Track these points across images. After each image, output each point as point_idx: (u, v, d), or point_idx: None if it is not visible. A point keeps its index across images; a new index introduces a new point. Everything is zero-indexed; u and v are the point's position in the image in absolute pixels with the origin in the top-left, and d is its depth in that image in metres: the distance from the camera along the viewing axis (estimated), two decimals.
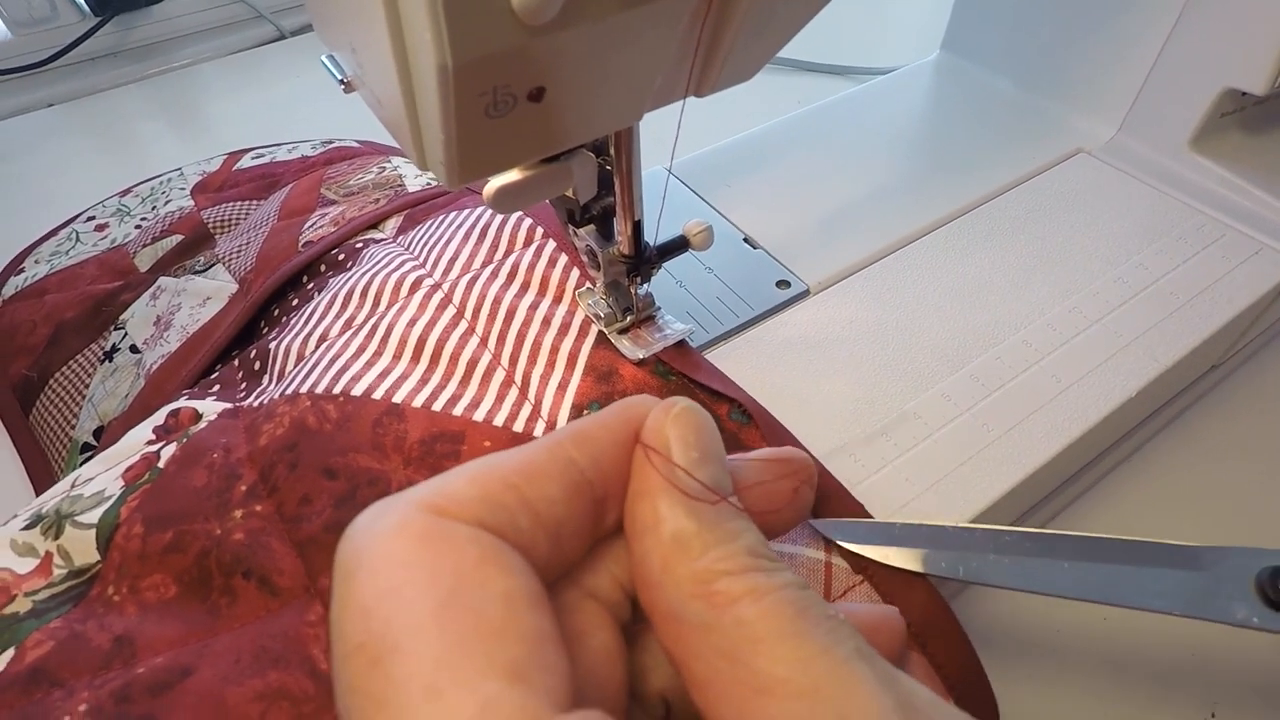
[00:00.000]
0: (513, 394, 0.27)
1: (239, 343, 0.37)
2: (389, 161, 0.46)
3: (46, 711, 0.20)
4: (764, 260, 0.33)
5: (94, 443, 0.36)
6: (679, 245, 0.27)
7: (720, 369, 0.28)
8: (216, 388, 0.33)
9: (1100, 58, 0.38)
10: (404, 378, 0.28)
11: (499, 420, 0.26)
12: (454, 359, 0.28)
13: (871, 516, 0.24)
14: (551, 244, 0.31)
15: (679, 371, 0.27)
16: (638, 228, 0.26)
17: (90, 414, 0.37)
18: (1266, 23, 0.31)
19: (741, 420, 0.26)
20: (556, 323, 0.29)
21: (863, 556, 0.23)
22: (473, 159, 0.18)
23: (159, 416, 0.30)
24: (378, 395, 0.27)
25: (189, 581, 0.24)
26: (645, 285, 0.28)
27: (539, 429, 0.26)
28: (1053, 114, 0.40)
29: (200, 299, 0.40)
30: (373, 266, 0.33)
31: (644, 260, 0.27)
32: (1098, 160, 0.37)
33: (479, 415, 0.26)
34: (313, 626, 0.22)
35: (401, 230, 0.38)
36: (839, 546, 0.23)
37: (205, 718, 0.20)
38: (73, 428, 0.37)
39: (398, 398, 0.27)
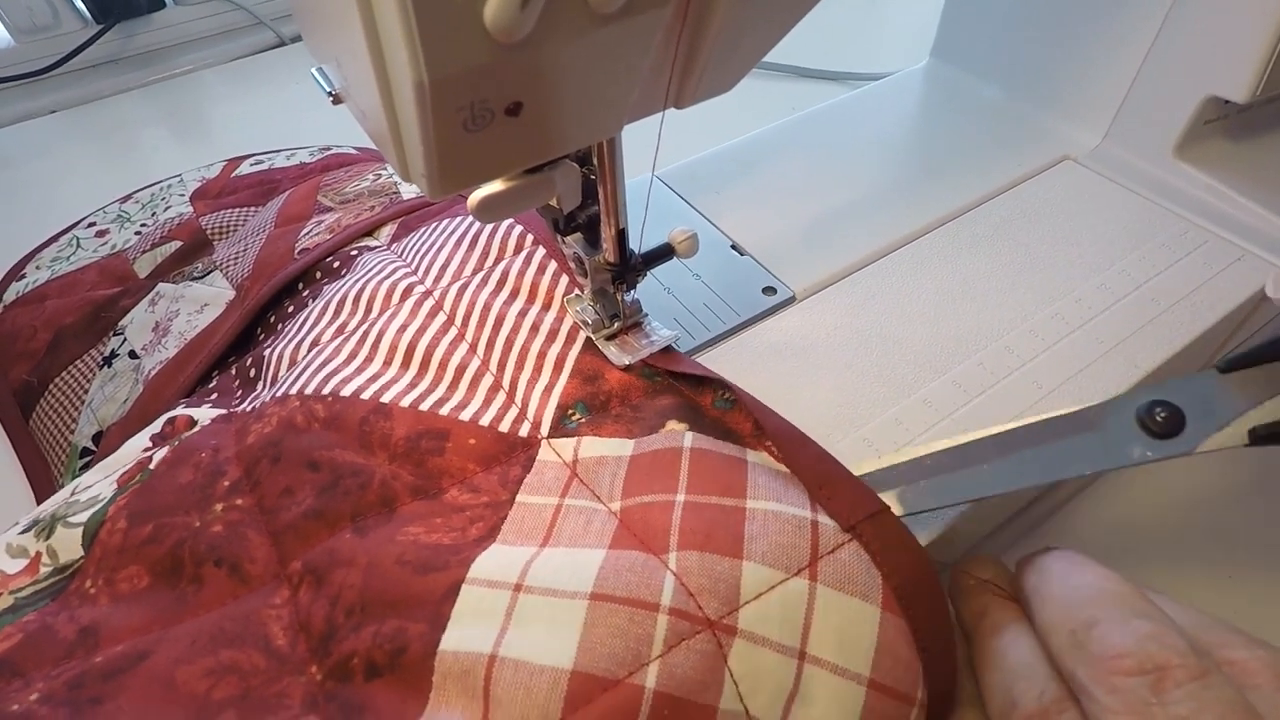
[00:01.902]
0: (500, 398, 0.28)
1: (235, 348, 0.37)
2: (385, 168, 0.46)
3: (1, 700, 0.21)
4: (751, 267, 0.33)
5: (93, 447, 0.37)
6: (664, 253, 0.28)
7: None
8: (214, 396, 0.33)
9: (1086, 66, 0.38)
10: (393, 381, 0.28)
11: (485, 421, 0.27)
12: (443, 364, 0.29)
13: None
14: (541, 251, 0.32)
15: (662, 370, 0.28)
16: (622, 236, 0.26)
17: (89, 419, 0.38)
18: (1248, 32, 0.32)
19: (725, 406, 0.27)
20: (545, 329, 0.29)
21: (851, 515, 0.23)
22: (453, 171, 0.18)
23: (156, 425, 0.30)
24: (366, 396, 0.27)
25: (161, 571, 0.24)
26: (631, 292, 0.29)
27: (524, 430, 0.27)
28: (1040, 121, 0.40)
29: (198, 305, 0.40)
30: (366, 274, 0.34)
31: (629, 268, 0.27)
32: (1083, 167, 0.38)
33: (465, 416, 0.27)
34: (275, 608, 0.23)
35: (395, 237, 0.38)
36: (825, 506, 0.23)
37: (153, 696, 0.20)
38: (72, 433, 0.38)
39: (385, 398, 0.27)
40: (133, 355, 0.40)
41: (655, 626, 0.20)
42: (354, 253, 0.38)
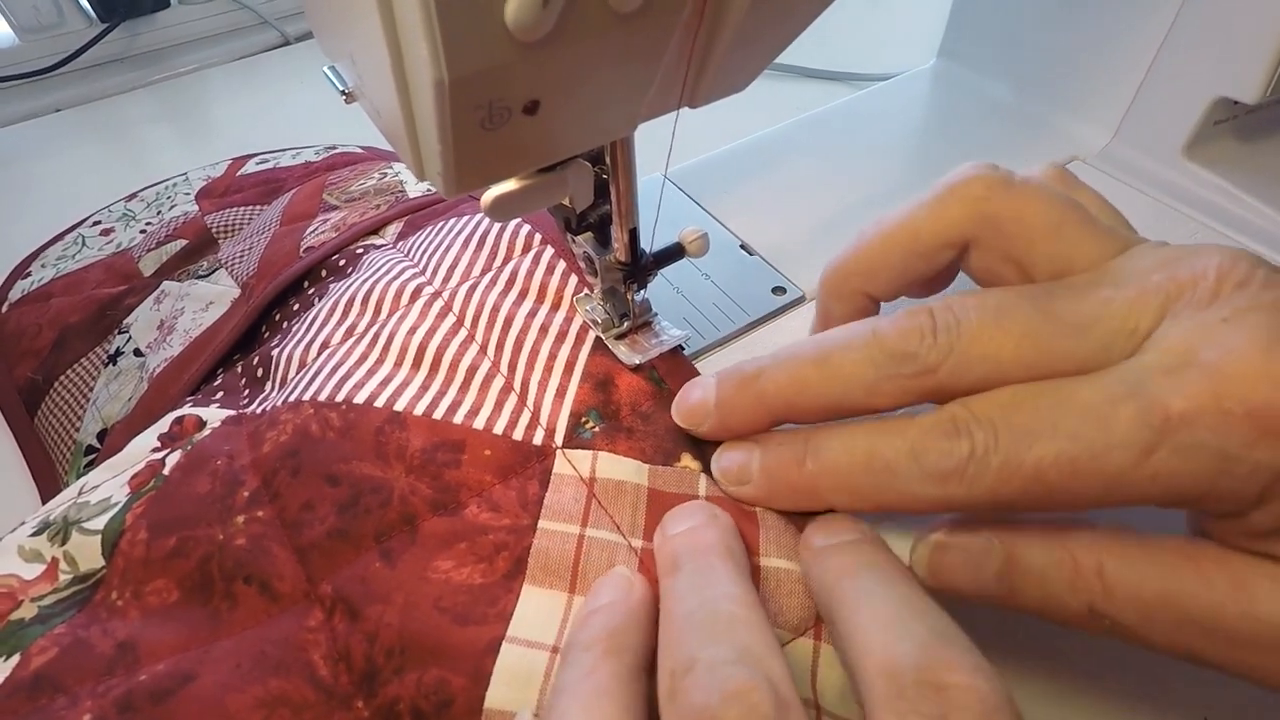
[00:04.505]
0: (511, 400, 0.27)
1: (241, 347, 0.37)
2: (390, 167, 0.46)
3: (52, 718, 0.21)
4: (760, 267, 0.33)
5: (97, 445, 0.37)
6: (675, 253, 0.28)
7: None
8: (220, 394, 0.33)
9: (1095, 66, 0.38)
10: (405, 385, 0.28)
11: (499, 428, 0.27)
12: (454, 366, 0.29)
13: None
14: (550, 250, 0.32)
15: (671, 389, 0.28)
16: (634, 235, 0.26)
17: (94, 417, 0.38)
18: (1258, 32, 0.32)
19: None
20: (554, 330, 0.29)
21: None
22: (469, 170, 0.18)
23: (164, 424, 0.30)
24: (379, 403, 0.27)
25: (191, 587, 0.24)
26: (642, 292, 0.29)
27: (538, 437, 0.26)
28: (1048, 121, 0.40)
29: (203, 303, 0.40)
30: (373, 273, 0.34)
31: (640, 267, 0.27)
32: (1092, 168, 0.38)
33: (479, 423, 0.27)
34: (312, 632, 0.23)
35: (402, 236, 0.38)
36: None
37: None
38: (77, 430, 0.38)
39: (399, 405, 0.27)
40: (138, 353, 0.40)
41: None
42: (360, 251, 0.38)
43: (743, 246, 0.34)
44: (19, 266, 0.47)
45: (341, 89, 0.22)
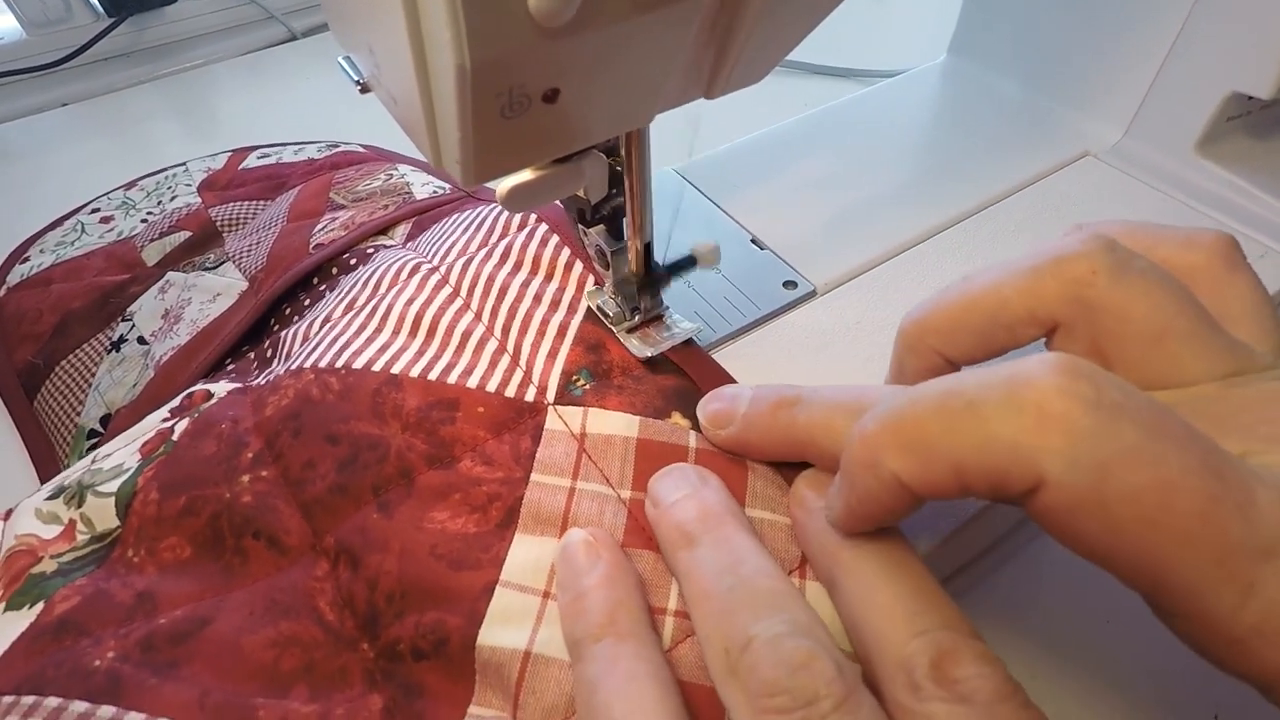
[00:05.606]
0: (504, 361, 0.28)
1: (249, 339, 0.38)
2: (396, 169, 0.46)
3: (78, 656, 0.22)
4: (771, 261, 0.33)
5: (101, 430, 0.37)
6: (687, 263, 0.28)
7: (726, 369, 0.28)
8: (231, 374, 0.33)
9: (1107, 62, 0.38)
10: (402, 350, 0.29)
11: (492, 386, 0.27)
12: (449, 331, 0.29)
13: None
14: (544, 227, 0.32)
15: (678, 366, 0.28)
16: (648, 250, 0.27)
17: (97, 401, 0.38)
18: (1273, 27, 0.32)
19: None
20: (547, 299, 0.30)
21: None
22: (488, 158, 0.18)
23: (174, 400, 0.31)
24: (377, 367, 0.28)
25: (203, 543, 0.25)
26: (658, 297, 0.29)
27: (530, 394, 0.27)
28: (1059, 117, 0.40)
29: (210, 295, 0.41)
30: (379, 264, 0.34)
31: (654, 278, 0.28)
32: (1104, 163, 0.37)
33: (472, 382, 0.27)
34: (319, 581, 0.24)
35: (410, 236, 0.39)
36: None
37: (224, 662, 0.22)
38: (78, 415, 0.38)
39: (396, 369, 0.28)
40: (141, 341, 0.40)
41: (664, 627, 0.21)
42: (370, 250, 0.38)
43: (753, 241, 0.34)
44: (16, 250, 0.47)
45: (356, 79, 0.22)
